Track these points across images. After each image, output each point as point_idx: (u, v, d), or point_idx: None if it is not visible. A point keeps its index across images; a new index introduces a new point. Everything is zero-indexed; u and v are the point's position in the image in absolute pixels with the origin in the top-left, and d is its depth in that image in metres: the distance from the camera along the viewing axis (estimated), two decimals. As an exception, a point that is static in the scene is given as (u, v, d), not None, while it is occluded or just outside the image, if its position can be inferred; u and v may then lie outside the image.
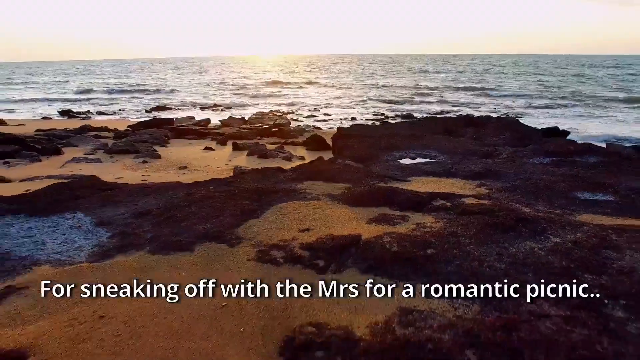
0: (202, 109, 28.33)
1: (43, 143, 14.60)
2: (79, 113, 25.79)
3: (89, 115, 25.20)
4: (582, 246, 3.39)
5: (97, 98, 34.64)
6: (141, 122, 19.48)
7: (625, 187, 5.25)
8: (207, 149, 14.84)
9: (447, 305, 2.78)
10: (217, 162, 12.84)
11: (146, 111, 27.23)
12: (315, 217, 4.30)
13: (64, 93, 39.09)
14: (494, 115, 16.46)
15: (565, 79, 48.69)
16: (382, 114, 24.71)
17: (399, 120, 21.30)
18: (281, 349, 2.45)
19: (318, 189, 5.26)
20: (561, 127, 17.13)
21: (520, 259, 3.25)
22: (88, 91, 39.91)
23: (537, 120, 20.53)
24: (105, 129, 18.35)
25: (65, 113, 25.21)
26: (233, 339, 2.55)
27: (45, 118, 23.48)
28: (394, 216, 4.27)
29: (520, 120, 14.15)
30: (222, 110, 27.73)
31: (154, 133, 16.93)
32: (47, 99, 34.04)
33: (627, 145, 14.50)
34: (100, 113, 26.26)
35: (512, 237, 3.62)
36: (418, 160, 7.21)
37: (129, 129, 18.28)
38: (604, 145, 10.72)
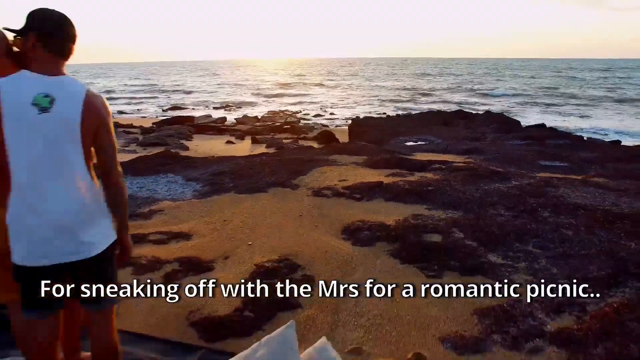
0: (216, 108, 30.02)
1: (82, 136, 16.23)
2: (99, 112, 27.48)
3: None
4: (532, 185, 5.07)
5: (118, 98, 36.40)
6: (164, 119, 21.11)
7: (577, 158, 6.93)
8: (229, 142, 16.46)
9: (442, 212, 4.45)
10: (241, 153, 14.44)
11: (163, 110, 28.92)
12: (348, 173, 5.97)
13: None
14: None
15: (559, 81, 50.60)
16: (385, 113, 26.38)
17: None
18: (342, 232, 4.11)
19: (345, 159, 6.93)
20: (549, 125, 18.72)
21: (490, 191, 4.92)
22: (110, 91, 41.78)
23: (528, 119, 22.18)
24: (132, 126, 19.99)
25: (87, 112, 26.89)
26: (312, 229, 4.21)
27: (70, 116, 25.17)
28: (404, 173, 5.95)
29: (514, 119, 15.81)
30: (234, 109, 29.41)
31: (178, 129, 18.55)
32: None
33: (607, 140, 16.18)
34: (120, 112, 27.94)
35: (486, 181, 5.29)
36: (419, 143, 8.89)
37: (154, 126, 19.89)
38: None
